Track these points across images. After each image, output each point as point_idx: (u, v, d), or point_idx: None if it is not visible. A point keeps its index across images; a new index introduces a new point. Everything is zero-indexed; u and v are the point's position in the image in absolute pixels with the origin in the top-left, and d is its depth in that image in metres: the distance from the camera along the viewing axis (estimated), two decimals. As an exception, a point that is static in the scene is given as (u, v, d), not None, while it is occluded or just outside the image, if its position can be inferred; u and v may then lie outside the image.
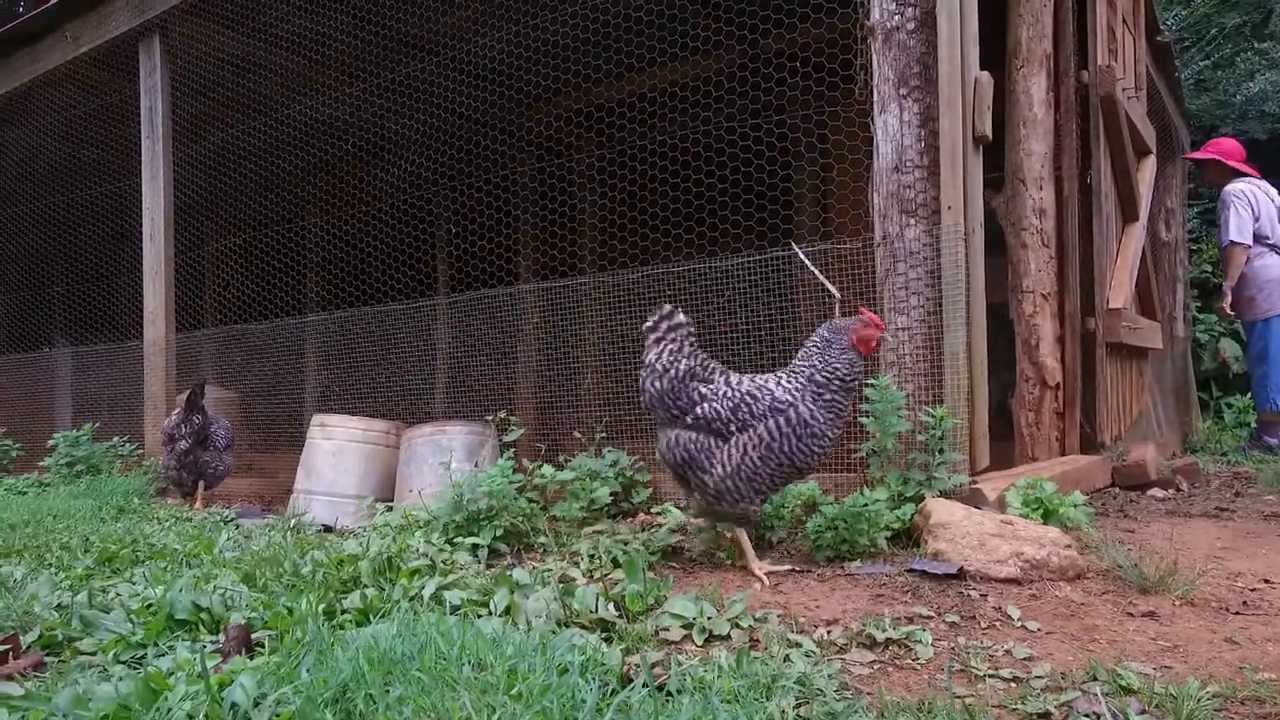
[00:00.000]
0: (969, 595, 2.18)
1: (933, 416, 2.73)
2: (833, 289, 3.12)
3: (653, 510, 3.22)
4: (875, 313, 3.08)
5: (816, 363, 2.47)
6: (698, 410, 2.46)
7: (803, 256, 3.19)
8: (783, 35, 3.77)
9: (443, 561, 2.58)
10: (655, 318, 2.60)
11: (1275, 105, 9.38)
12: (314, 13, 4.72)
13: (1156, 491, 4.34)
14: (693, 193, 4.20)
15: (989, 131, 2.99)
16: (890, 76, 3.03)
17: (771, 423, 2.39)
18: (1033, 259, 4.33)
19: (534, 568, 2.63)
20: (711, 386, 2.49)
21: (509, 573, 2.29)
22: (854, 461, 3.02)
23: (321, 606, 2.01)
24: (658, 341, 2.57)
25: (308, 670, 1.39)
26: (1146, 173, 5.34)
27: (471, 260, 4.92)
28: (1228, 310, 6.52)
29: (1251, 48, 10.20)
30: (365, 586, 2.23)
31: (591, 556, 2.62)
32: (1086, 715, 1.45)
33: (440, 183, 5.26)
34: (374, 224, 5.55)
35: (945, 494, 2.73)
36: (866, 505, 2.49)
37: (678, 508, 2.91)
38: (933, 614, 2.05)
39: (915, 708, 1.50)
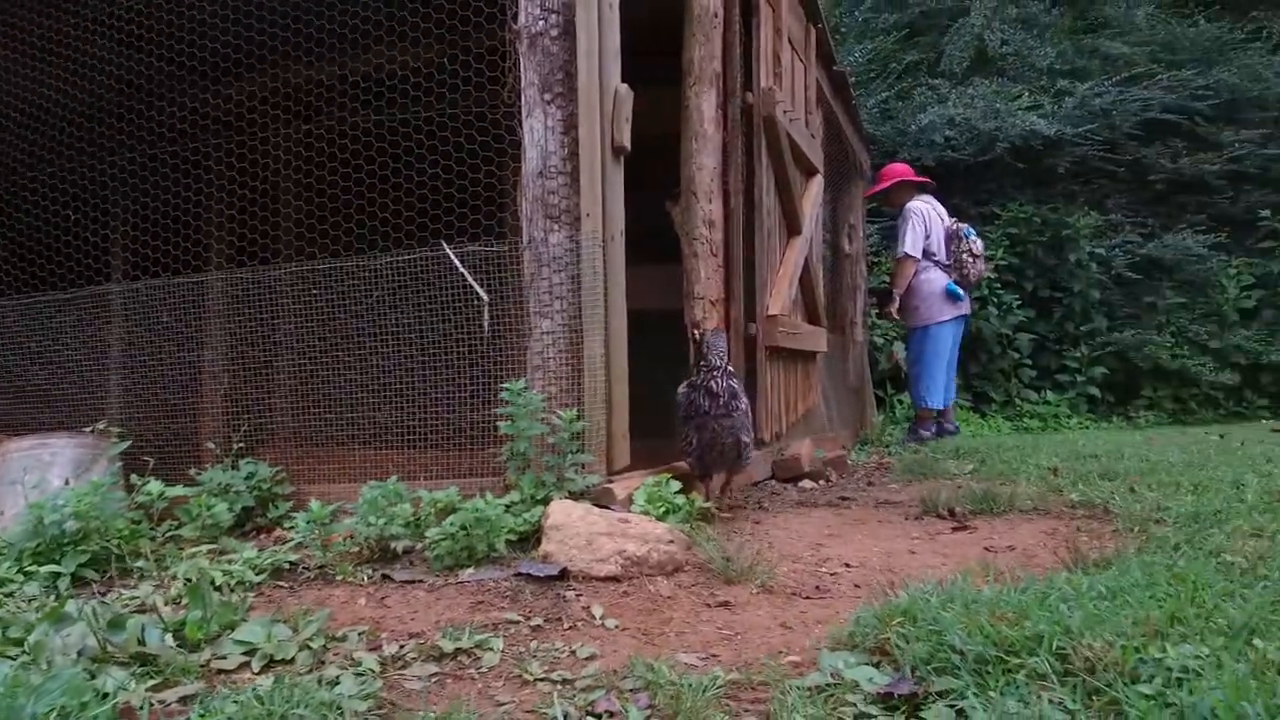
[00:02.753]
0: (565, 596, 2.21)
1: (563, 419, 2.77)
2: (480, 291, 3.09)
3: (286, 525, 3.02)
4: (521, 316, 3.10)
5: None
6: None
7: (453, 257, 3.14)
8: (494, 29, 3.62)
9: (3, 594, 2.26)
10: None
11: (941, 135, 10.61)
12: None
13: (806, 483, 4.73)
14: (400, 184, 3.95)
15: (628, 143, 3.09)
16: (535, 81, 3.04)
17: None
18: (703, 267, 4.56)
19: (119, 595, 2.38)
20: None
21: (65, 606, 2.03)
22: (499, 465, 3.00)
23: None
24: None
25: None
26: (813, 190, 5.81)
27: (154, 245, 4.36)
28: (894, 314, 7.27)
29: (926, 83, 11.50)
30: None
31: (189, 580, 2.41)
32: (599, 715, 1.49)
33: (111, 157, 4.67)
34: (30, 200, 4.82)
35: (578, 495, 2.78)
36: (484, 510, 2.48)
37: (307, 522, 2.72)
38: (521, 618, 2.06)
39: (438, 722, 1.47)
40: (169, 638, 1.89)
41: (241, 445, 3.31)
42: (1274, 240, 10.35)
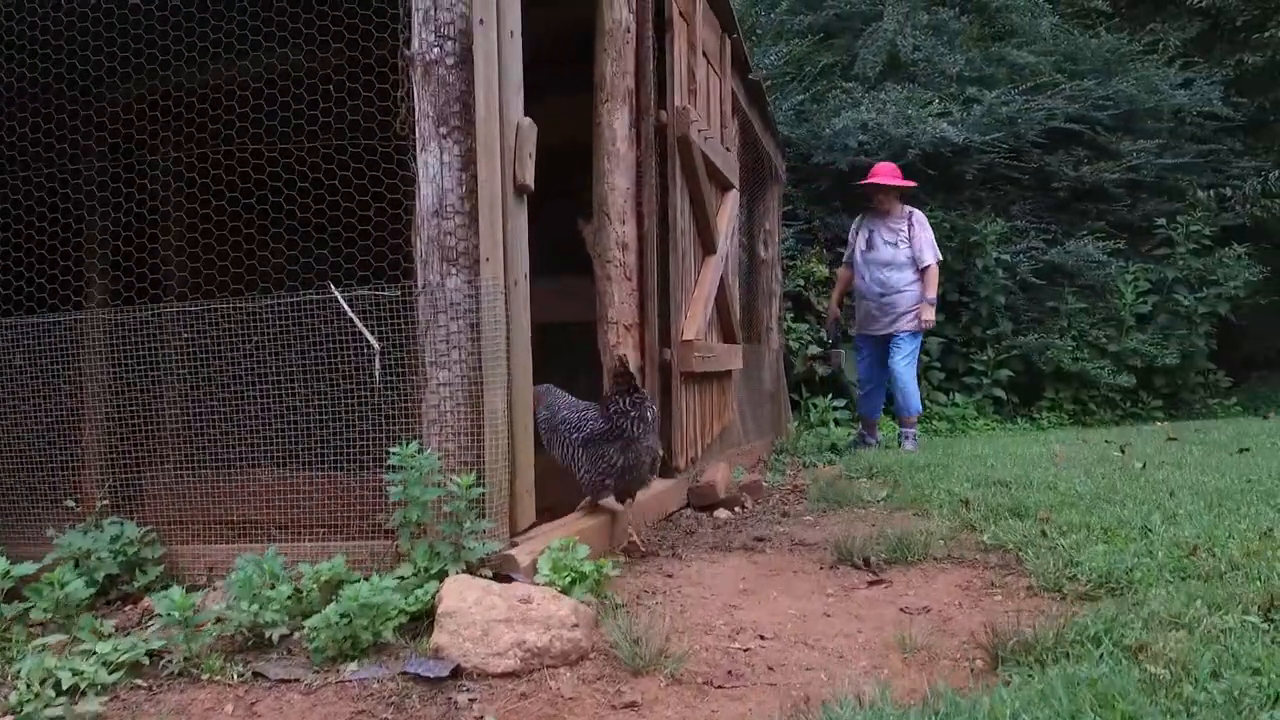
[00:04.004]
0: (456, 702, 2.03)
1: (459, 485, 2.57)
2: (373, 339, 2.86)
3: (155, 595, 2.74)
4: (416, 367, 2.88)
5: None
6: None
7: (343, 302, 2.90)
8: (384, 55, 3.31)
9: None
10: None
11: (855, 140, 10.65)
12: None
13: (721, 512, 4.62)
14: (296, 211, 3.61)
15: (530, 181, 2.89)
16: (430, 113, 2.82)
17: None
18: (616, 291, 4.41)
19: (-54, 706, 2.09)
20: None
21: None
22: (392, 528, 2.78)
23: None
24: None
25: None
26: (728, 206, 5.70)
27: (24, 275, 3.88)
28: (932, 322, 7.12)
29: (840, 87, 11.53)
30: None
31: (36, 681, 2.13)
32: None
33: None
34: None
35: (476, 565, 2.59)
36: (369, 597, 2.26)
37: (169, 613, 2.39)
38: (405, 737, 1.87)
39: None
40: (-10, 783, 1.64)
41: (106, 502, 3.01)
42: (1168, 247, 10.75)
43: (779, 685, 2.18)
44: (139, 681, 2.20)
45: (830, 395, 9.68)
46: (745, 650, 2.42)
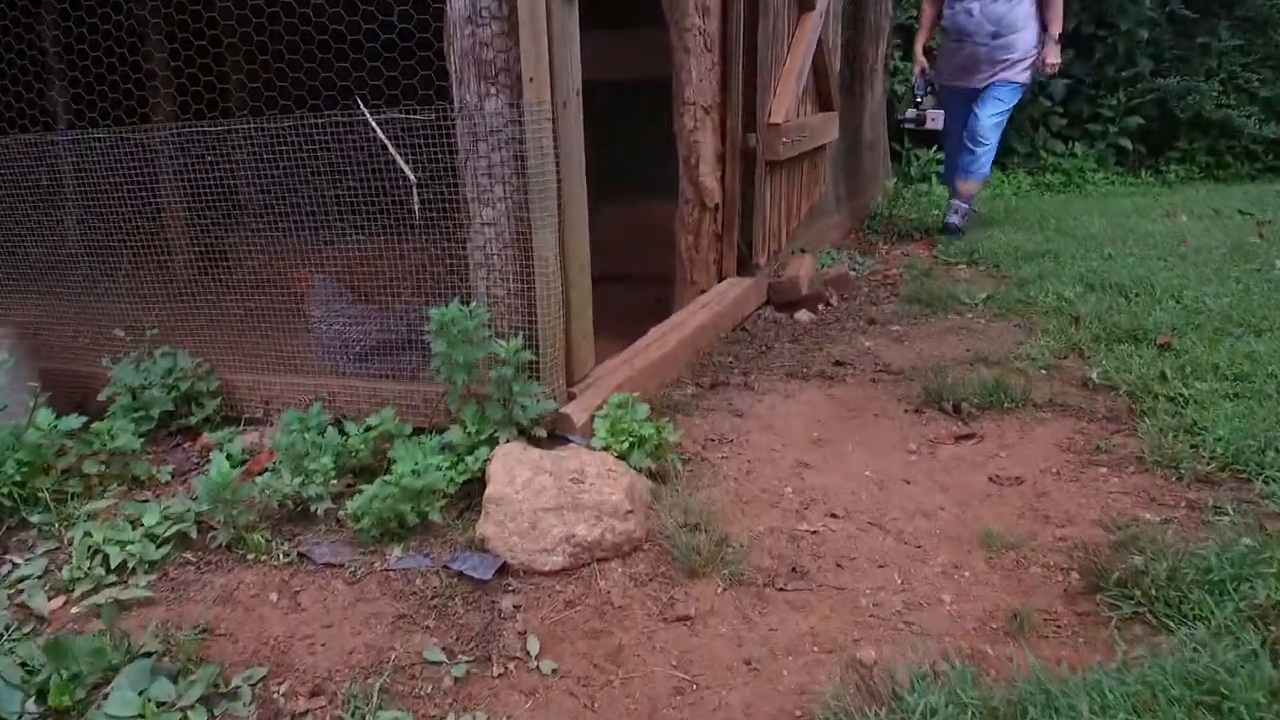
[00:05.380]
0: (500, 609, 1.92)
1: (506, 349, 2.34)
2: (408, 170, 2.52)
3: (211, 433, 2.69)
4: (457, 199, 2.56)
5: None
6: None
7: (375, 126, 2.53)
8: None
9: None
10: None
11: None
12: None
13: (803, 314, 4.33)
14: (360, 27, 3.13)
15: (581, -25, 2.36)
16: (455, -114, 2.26)
17: None
18: (695, 66, 3.86)
19: (7, 573, 2.11)
20: None
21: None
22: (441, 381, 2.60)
23: None
24: None
25: None
26: (832, -55, 4.85)
27: (95, 90, 3.56)
28: (1058, 65, 5.99)
29: None
30: None
31: (90, 553, 2.12)
32: None
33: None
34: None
35: (529, 425, 2.42)
36: (412, 482, 2.13)
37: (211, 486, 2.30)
38: (444, 657, 1.78)
39: None
40: (31, 704, 1.63)
41: (155, 331, 2.90)
42: (1360, -32, 9.02)
43: (847, 590, 2.01)
44: (187, 556, 2.17)
45: (935, 148, 8.88)
46: (813, 534, 2.25)
